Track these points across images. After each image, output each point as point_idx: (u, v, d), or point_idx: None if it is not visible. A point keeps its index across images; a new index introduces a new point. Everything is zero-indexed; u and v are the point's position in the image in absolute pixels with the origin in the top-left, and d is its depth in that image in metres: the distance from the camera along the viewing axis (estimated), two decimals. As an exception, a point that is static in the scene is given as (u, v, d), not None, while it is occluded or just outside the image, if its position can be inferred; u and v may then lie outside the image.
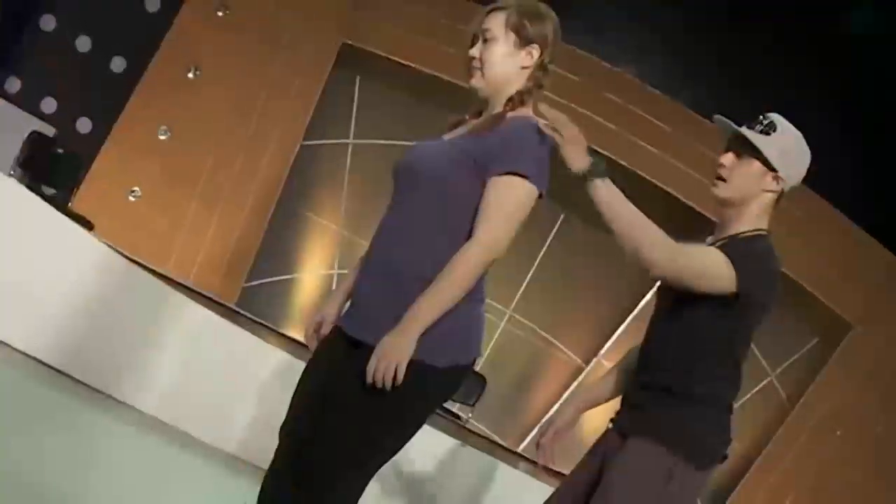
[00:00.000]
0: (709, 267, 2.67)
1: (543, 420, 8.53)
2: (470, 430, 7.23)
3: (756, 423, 8.43)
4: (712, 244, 2.75)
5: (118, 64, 8.53)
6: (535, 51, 2.46)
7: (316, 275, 8.77)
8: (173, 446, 5.04)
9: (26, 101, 8.28)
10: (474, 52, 2.47)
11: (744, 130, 2.72)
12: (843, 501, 8.27)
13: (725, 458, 2.79)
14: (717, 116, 2.85)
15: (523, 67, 2.45)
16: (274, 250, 8.55)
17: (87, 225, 6.53)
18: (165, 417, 5.18)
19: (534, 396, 8.99)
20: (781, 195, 2.81)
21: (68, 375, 5.05)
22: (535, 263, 8.75)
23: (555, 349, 9.01)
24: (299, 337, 7.85)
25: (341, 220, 8.71)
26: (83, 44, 8.43)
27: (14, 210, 4.93)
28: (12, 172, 7.24)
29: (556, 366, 9.02)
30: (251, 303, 8.13)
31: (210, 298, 6.69)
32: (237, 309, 7.36)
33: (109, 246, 5.29)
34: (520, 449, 8.16)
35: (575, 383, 8.76)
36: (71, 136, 8.42)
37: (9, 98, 8.20)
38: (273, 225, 8.34)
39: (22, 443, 3.97)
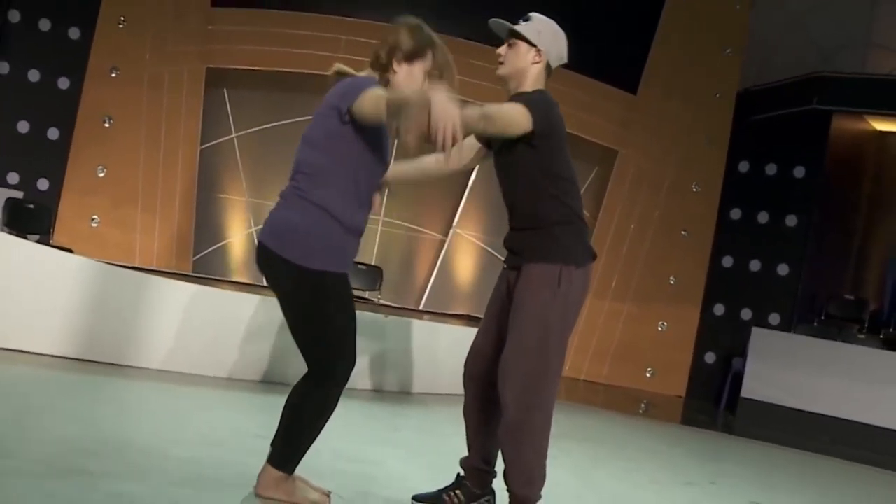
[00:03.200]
0: (513, 115, 3.16)
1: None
2: (383, 305, 8.81)
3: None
4: None
5: (53, 133, 10.16)
6: None
7: (240, 237, 10.65)
8: (183, 384, 5.62)
9: (-5, 180, 9.81)
10: None
11: (511, 26, 3.30)
12: (647, 259, 10.76)
13: (595, 256, 3.34)
14: (491, 21, 3.33)
15: None
16: (205, 228, 10.37)
17: (68, 251, 6.78)
18: (169, 367, 5.89)
19: (416, 271, 10.97)
20: (550, 68, 3.36)
21: (86, 360, 5.67)
22: (390, 179, 10.87)
23: (420, 233, 11.02)
24: (241, 279, 9.90)
25: (245, 193, 10.61)
26: (23, 126, 10.06)
27: (12, 255, 5.61)
28: (2, 230, 7.98)
29: (425, 245, 11.04)
30: (202, 270, 9.97)
31: (172, 273, 7.82)
32: (194, 274, 8.91)
33: (89, 259, 6.04)
34: (420, 307, 10.31)
35: (442, 253, 10.86)
36: (35, 194, 9.88)
37: (-20, 181, 9.68)
38: (199, 211, 10.18)
39: (75, 412, 4.36)
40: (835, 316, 10.77)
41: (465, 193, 10.88)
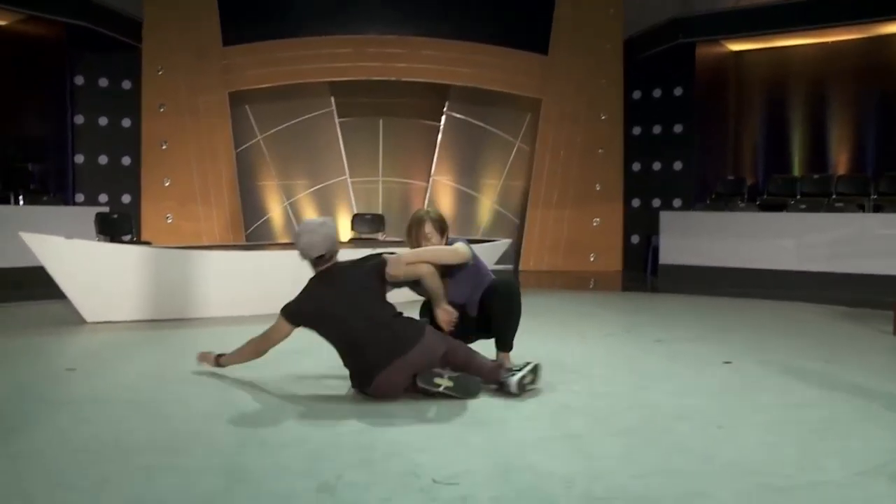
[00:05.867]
0: None
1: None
2: (387, 241, 10.36)
3: (523, 169, 13.61)
4: None
5: (126, 160, 12.58)
6: None
7: (277, 211, 13.04)
8: (238, 324, 6.31)
9: (91, 201, 12.11)
10: None
11: None
12: (577, 174, 13.03)
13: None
14: None
15: None
16: (251, 209, 12.73)
17: (147, 244, 9.03)
18: (223, 313, 6.96)
19: (410, 213, 12.71)
20: (311, 260, 4.15)
21: (160, 320, 6.85)
22: (380, 150, 13.38)
23: (409, 184, 13.55)
24: (283, 241, 12.39)
25: (275, 178, 13.06)
26: (103, 159, 12.43)
27: (96, 253, 6.84)
28: (98, 238, 9.68)
29: (414, 191, 13.57)
30: (253, 239, 12.35)
31: (228, 245, 9.76)
32: (247, 244, 10.99)
33: (164, 247, 7.59)
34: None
35: (427, 193, 13.27)
36: (122, 207, 12.17)
37: (79, 205, 11.80)
38: (244, 197, 12.64)
39: (142, 359, 5.10)
40: (722, 193, 12.37)
41: (436, 150, 13.37)
